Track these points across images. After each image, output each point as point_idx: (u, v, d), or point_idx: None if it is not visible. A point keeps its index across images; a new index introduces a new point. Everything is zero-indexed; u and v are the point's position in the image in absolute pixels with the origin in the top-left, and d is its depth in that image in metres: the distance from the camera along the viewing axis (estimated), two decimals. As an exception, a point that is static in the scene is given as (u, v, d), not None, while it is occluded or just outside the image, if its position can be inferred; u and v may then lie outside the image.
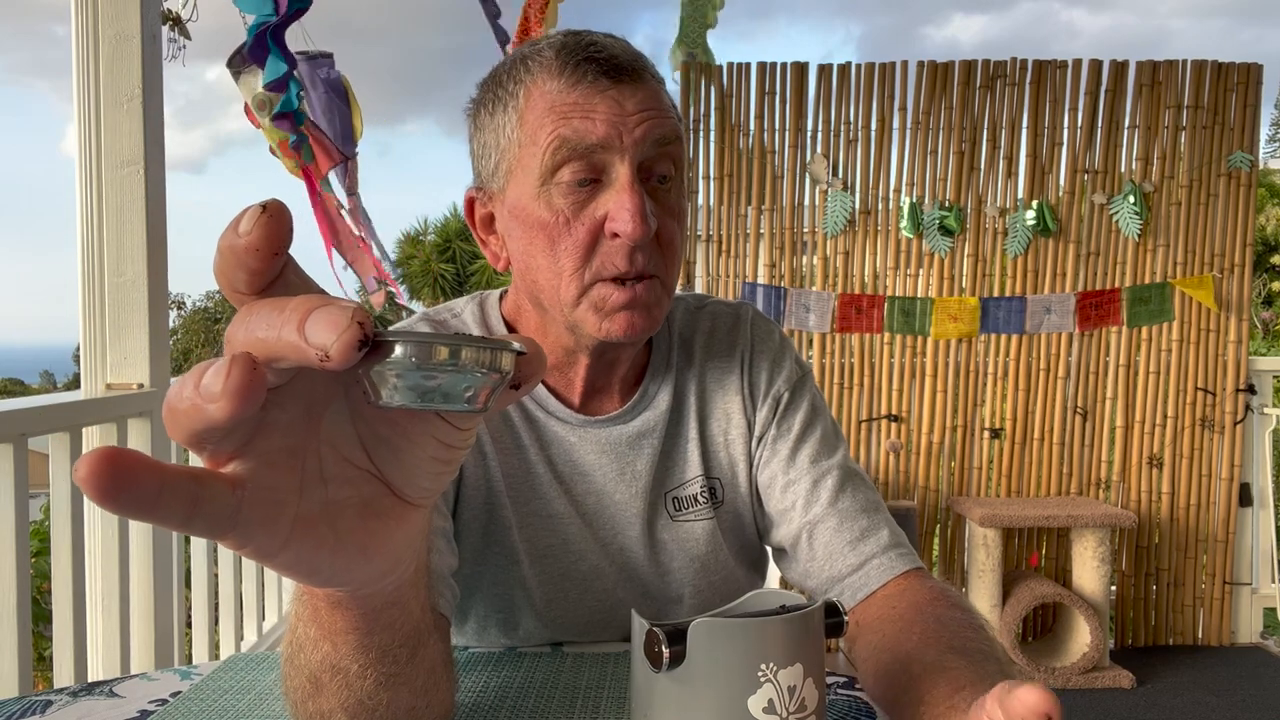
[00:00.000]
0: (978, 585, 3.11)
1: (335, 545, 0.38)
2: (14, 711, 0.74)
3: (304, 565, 0.38)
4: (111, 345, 1.98)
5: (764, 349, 0.96)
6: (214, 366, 0.30)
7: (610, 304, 0.81)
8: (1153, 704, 2.92)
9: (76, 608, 1.77)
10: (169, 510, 0.30)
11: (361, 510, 0.39)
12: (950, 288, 3.37)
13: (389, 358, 0.31)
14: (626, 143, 0.78)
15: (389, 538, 0.40)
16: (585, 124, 0.77)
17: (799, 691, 0.54)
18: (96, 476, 0.29)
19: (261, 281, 0.32)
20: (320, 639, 0.51)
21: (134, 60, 1.96)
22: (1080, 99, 3.36)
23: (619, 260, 0.79)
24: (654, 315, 0.83)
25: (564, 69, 0.79)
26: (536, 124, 0.79)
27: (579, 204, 0.79)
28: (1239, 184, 3.36)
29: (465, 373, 0.32)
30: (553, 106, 0.79)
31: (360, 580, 0.41)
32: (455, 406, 0.33)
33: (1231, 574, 3.44)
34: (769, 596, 0.62)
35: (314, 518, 0.37)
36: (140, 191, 1.97)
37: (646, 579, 0.93)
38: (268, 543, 0.35)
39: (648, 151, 0.79)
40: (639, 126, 0.78)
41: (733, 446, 0.93)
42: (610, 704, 0.73)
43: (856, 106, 3.37)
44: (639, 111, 0.79)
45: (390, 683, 0.54)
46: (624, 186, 0.78)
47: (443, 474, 0.40)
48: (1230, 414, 3.39)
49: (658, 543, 0.93)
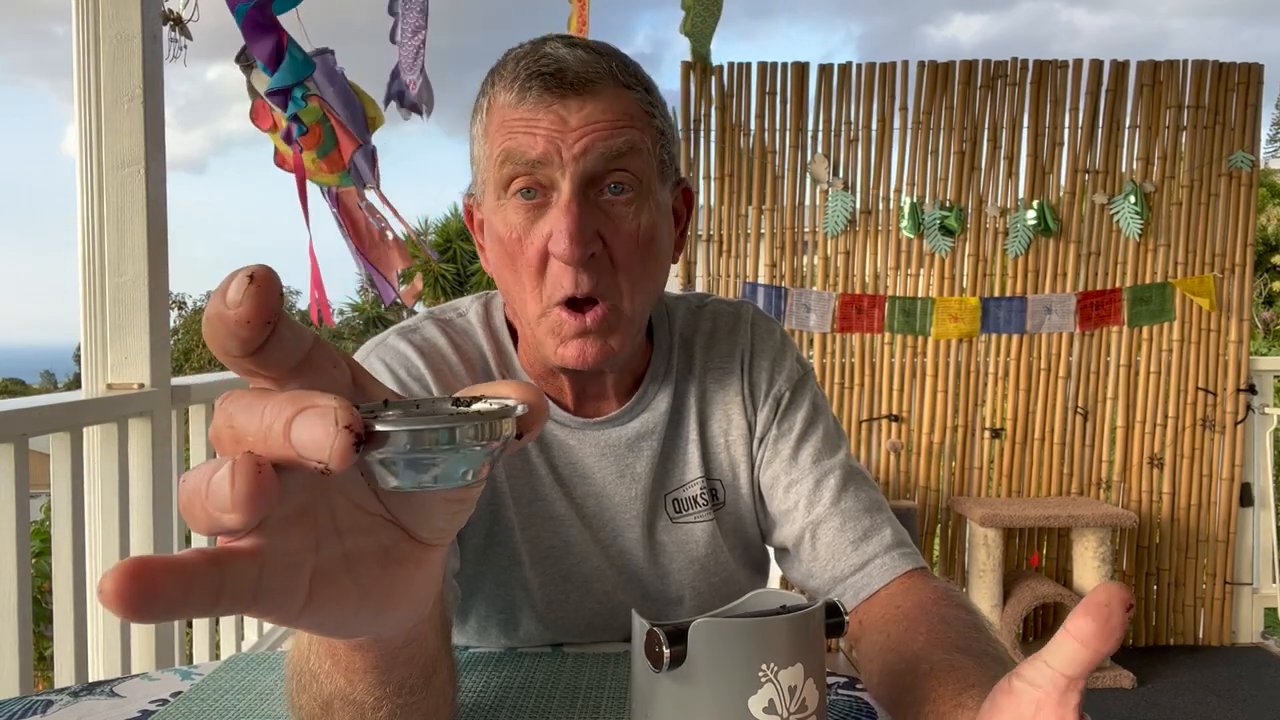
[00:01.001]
0: (978, 585, 3.11)
1: (359, 597, 0.37)
2: (15, 711, 0.74)
3: (330, 622, 0.36)
4: (112, 345, 1.98)
5: (764, 348, 0.96)
6: (218, 474, 0.29)
7: (564, 331, 0.80)
8: (1153, 704, 2.92)
9: (77, 607, 1.77)
10: (198, 605, 0.29)
11: (381, 558, 0.38)
12: (951, 288, 3.37)
13: (384, 446, 0.30)
14: (566, 158, 0.76)
15: (410, 582, 0.39)
16: (527, 139, 0.77)
17: (800, 692, 0.54)
18: (122, 595, 0.27)
19: (254, 347, 0.31)
20: (334, 673, 0.50)
21: (135, 60, 1.96)
22: (1081, 99, 3.36)
23: (565, 282, 0.78)
24: (609, 344, 0.81)
25: (514, 82, 0.78)
26: (493, 138, 0.80)
27: (529, 221, 0.79)
28: (1240, 184, 3.36)
29: (463, 450, 0.31)
30: (504, 121, 0.79)
31: (386, 628, 0.40)
32: (456, 484, 0.32)
33: (1232, 574, 3.44)
34: (770, 596, 0.62)
35: (334, 572, 0.36)
36: (141, 191, 1.97)
37: (646, 581, 0.93)
38: (290, 606, 0.34)
39: (593, 165, 0.77)
40: (579, 142, 0.76)
41: (734, 448, 0.93)
42: (611, 704, 0.73)
43: (857, 106, 3.37)
44: (583, 126, 0.77)
45: (403, 712, 0.53)
46: (562, 204, 0.77)
47: (458, 514, 0.39)
48: (1231, 414, 3.39)
49: (657, 544, 0.92)
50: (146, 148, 1.97)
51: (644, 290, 0.83)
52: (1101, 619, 0.44)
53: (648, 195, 0.81)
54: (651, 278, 0.84)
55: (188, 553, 0.29)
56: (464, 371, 0.89)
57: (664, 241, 0.85)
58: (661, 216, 0.84)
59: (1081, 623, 0.44)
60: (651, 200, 0.82)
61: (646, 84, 0.83)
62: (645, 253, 0.82)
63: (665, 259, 0.87)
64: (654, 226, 0.82)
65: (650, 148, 0.81)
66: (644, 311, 0.85)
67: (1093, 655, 0.44)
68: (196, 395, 2.27)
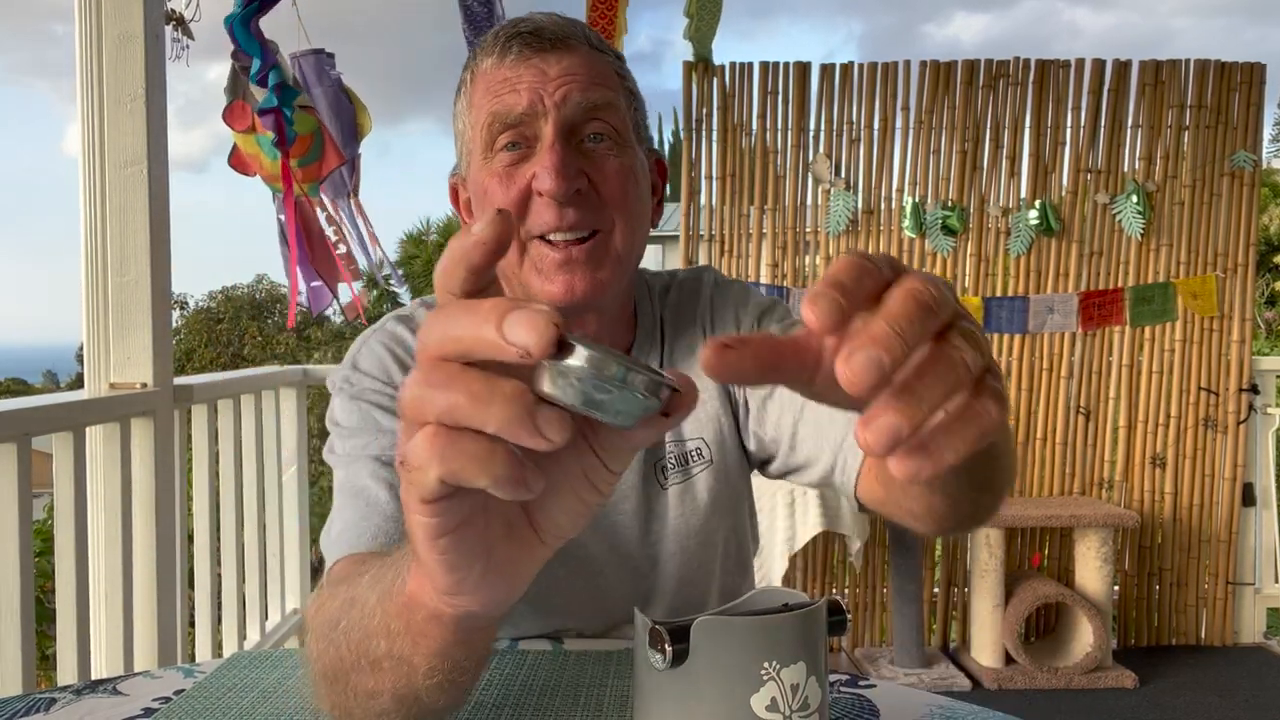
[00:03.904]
0: (980, 585, 3.11)
1: (488, 564, 0.40)
2: (18, 709, 0.74)
3: (461, 571, 0.40)
4: (115, 345, 1.98)
5: (724, 303, 0.98)
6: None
7: (547, 264, 0.83)
8: (1155, 704, 2.92)
9: (80, 606, 1.78)
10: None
11: (508, 535, 0.41)
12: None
13: (567, 360, 0.34)
14: (548, 105, 0.81)
15: (522, 566, 0.42)
16: (511, 96, 0.82)
17: (802, 690, 0.54)
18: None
19: (478, 282, 0.36)
20: (403, 637, 0.51)
21: (137, 60, 1.96)
22: (1083, 98, 3.35)
23: (548, 216, 0.81)
24: (598, 277, 0.83)
25: (495, 48, 0.84)
26: (478, 105, 0.85)
27: (513, 168, 0.83)
28: (1242, 184, 3.36)
29: (628, 391, 0.35)
30: (489, 86, 0.84)
31: (487, 602, 0.43)
32: (607, 419, 0.35)
33: (1234, 574, 3.44)
34: (772, 595, 0.62)
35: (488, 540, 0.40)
36: (143, 191, 1.97)
37: (635, 554, 0.93)
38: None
39: (572, 114, 0.82)
40: (559, 90, 0.81)
41: (709, 404, 0.94)
42: (613, 703, 0.73)
43: (859, 106, 3.37)
44: (561, 76, 0.82)
45: (450, 687, 0.54)
46: (546, 146, 0.81)
47: (580, 516, 0.42)
48: (1233, 414, 3.39)
49: (651, 514, 0.93)
50: (149, 147, 1.98)
51: (631, 226, 0.85)
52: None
53: (626, 146, 0.85)
54: (638, 216, 0.87)
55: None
56: None
57: (645, 192, 0.89)
58: (642, 172, 0.88)
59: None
60: (630, 151, 0.86)
61: (616, 54, 0.88)
62: (631, 190, 0.85)
63: (648, 207, 0.89)
64: (635, 170, 0.86)
65: (625, 106, 0.86)
66: (631, 250, 0.87)
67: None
68: (199, 395, 2.27)
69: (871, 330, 0.33)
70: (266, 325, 18.57)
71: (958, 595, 3.42)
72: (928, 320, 0.34)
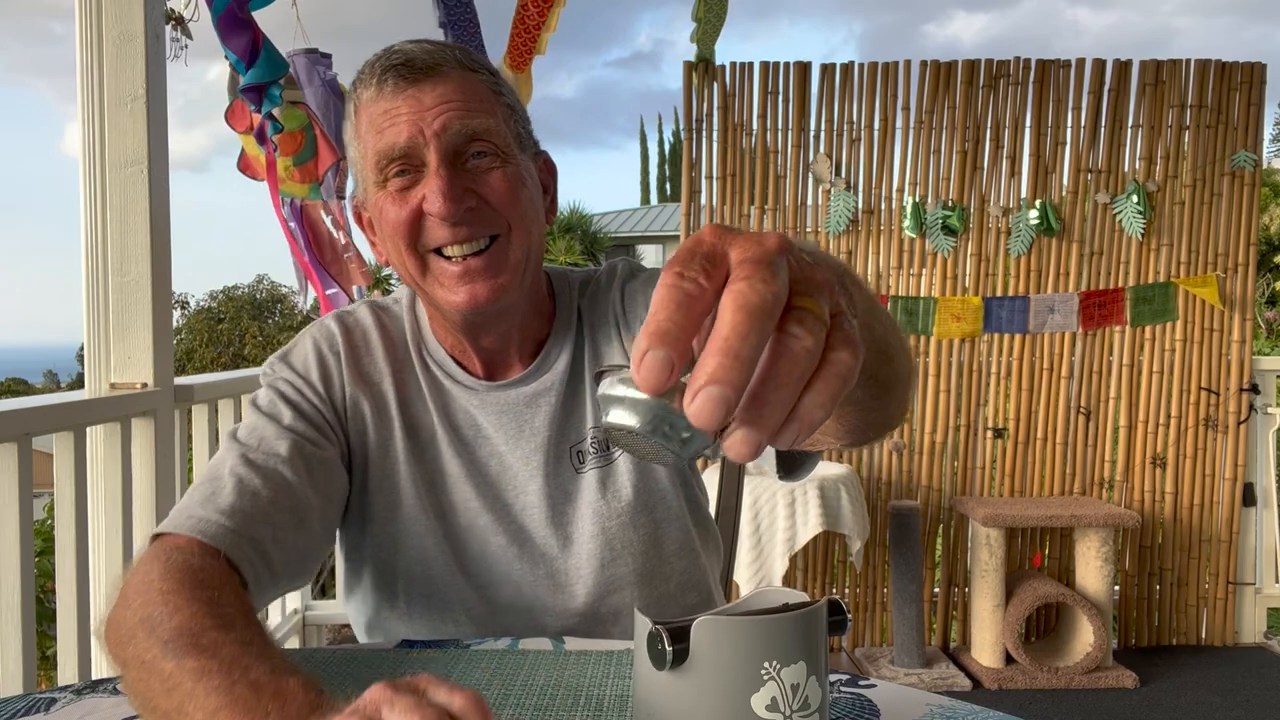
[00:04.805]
0: (981, 585, 3.11)
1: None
2: (18, 709, 0.74)
3: None
4: (115, 345, 1.98)
5: (634, 289, 1.00)
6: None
7: (448, 278, 0.88)
8: (1156, 704, 2.92)
9: (80, 606, 1.78)
10: None
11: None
12: (953, 287, 3.37)
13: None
14: (428, 135, 0.86)
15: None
16: (392, 131, 0.86)
17: (802, 689, 0.54)
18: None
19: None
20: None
21: (138, 60, 1.96)
22: (1084, 98, 3.35)
23: (442, 233, 0.87)
24: (498, 283, 0.88)
25: (372, 80, 0.88)
26: (364, 137, 0.89)
27: (404, 191, 0.88)
28: (1242, 183, 3.36)
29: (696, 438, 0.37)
30: (370, 119, 0.88)
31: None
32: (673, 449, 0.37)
33: (1235, 574, 3.44)
34: (771, 595, 0.62)
35: None
36: (144, 191, 1.97)
37: (542, 535, 0.97)
38: None
39: (452, 141, 0.86)
40: (438, 119, 0.86)
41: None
42: (613, 703, 0.73)
43: (859, 106, 3.37)
44: (437, 105, 0.86)
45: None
46: (432, 171, 0.86)
47: None
48: (1234, 414, 3.39)
49: (563, 496, 0.97)
50: (149, 147, 1.97)
51: (526, 228, 0.90)
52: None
53: (510, 157, 0.90)
54: (531, 218, 0.91)
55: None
56: (381, 350, 0.98)
57: (536, 194, 0.93)
58: (529, 177, 0.92)
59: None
60: (514, 162, 0.90)
61: (490, 69, 0.92)
62: (521, 195, 0.89)
63: (540, 208, 0.94)
64: (522, 176, 0.90)
65: (503, 122, 0.90)
66: (529, 251, 0.91)
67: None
68: (199, 395, 2.27)
69: (707, 367, 0.34)
70: (267, 325, 18.57)
71: (958, 595, 3.42)
72: (762, 326, 0.34)
